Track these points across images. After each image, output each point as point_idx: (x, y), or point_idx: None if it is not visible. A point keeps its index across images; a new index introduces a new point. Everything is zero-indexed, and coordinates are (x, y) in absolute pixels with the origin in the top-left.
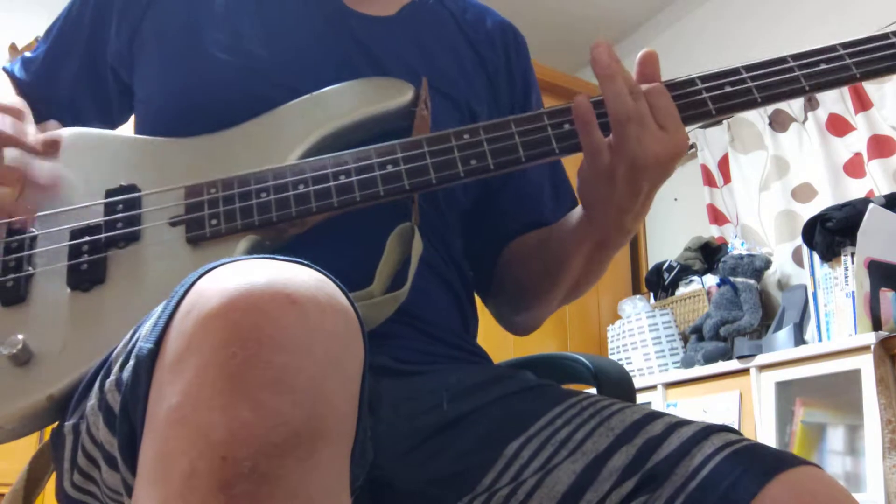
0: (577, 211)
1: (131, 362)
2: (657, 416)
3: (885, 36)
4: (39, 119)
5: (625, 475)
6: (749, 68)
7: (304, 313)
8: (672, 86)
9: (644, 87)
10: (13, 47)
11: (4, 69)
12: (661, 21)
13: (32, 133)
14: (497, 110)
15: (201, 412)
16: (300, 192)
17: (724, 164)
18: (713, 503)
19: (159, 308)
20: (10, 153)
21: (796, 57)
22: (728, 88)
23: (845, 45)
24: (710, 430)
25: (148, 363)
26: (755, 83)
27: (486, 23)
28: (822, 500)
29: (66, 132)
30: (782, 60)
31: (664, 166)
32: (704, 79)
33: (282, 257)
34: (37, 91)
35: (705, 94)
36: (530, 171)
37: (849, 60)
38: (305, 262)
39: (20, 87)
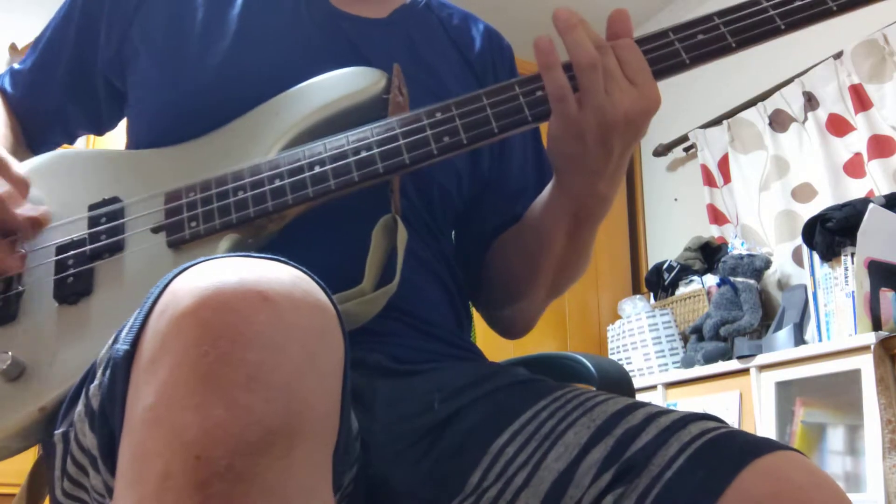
0: (550, 185)
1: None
2: (639, 406)
3: None
4: (29, 131)
5: (603, 467)
6: (722, 14)
7: (278, 310)
8: (643, 40)
9: (612, 43)
10: (13, 47)
11: None
12: (662, 21)
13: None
14: None
15: (175, 412)
16: (276, 186)
17: (724, 164)
18: (689, 492)
19: (137, 311)
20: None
21: None
22: (700, 37)
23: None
24: (688, 419)
25: (124, 364)
26: (728, 28)
27: (471, 29)
28: (798, 484)
29: (47, 156)
30: (756, 2)
31: (635, 124)
32: (676, 30)
33: (258, 255)
34: (25, 103)
35: (678, 45)
36: (514, 168)
37: None
38: (282, 259)
39: (10, 101)
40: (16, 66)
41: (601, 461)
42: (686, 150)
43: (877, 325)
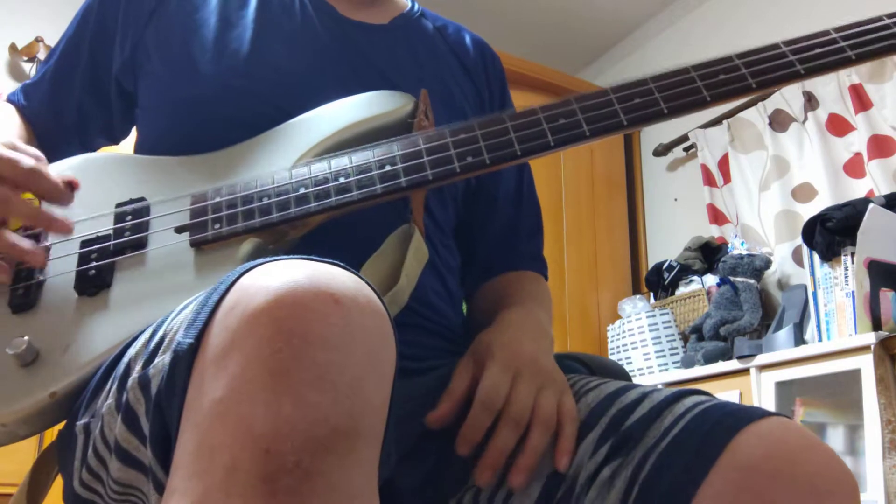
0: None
1: (166, 357)
2: (631, 387)
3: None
4: (45, 142)
5: (599, 444)
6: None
7: (347, 312)
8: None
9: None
10: (13, 47)
11: (9, 99)
12: (662, 20)
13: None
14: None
15: (245, 406)
16: (300, 194)
17: (724, 163)
18: (685, 459)
19: (194, 304)
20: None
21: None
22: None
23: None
24: (680, 394)
25: (188, 358)
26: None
27: (465, 39)
28: (791, 446)
29: (78, 158)
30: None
31: None
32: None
33: (319, 258)
34: (43, 115)
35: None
36: (505, 216)
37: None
38: (342, 264)
39: (25, 114)
40: (27, 81)
41: (597, 439)
42: (686, 149)
43: (877, 325)
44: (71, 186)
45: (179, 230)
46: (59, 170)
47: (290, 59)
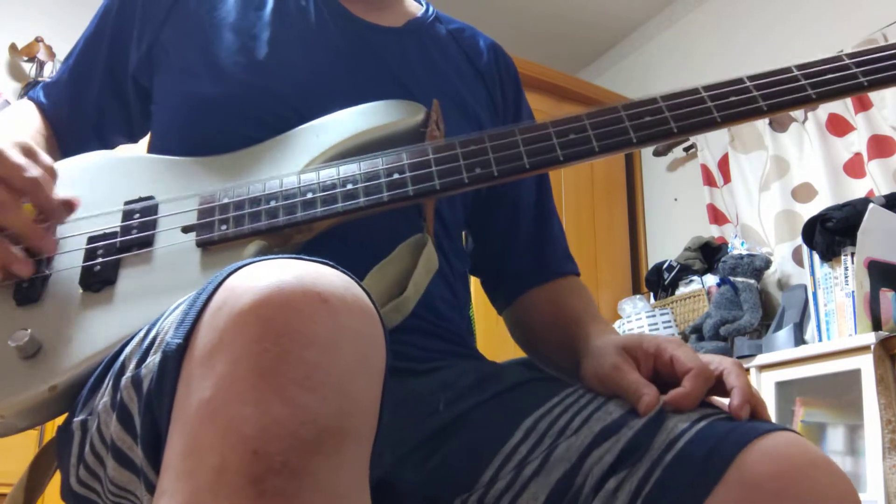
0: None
1: (156, 357)
2: None
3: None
4: (65, 141)
5: (610, 454)
6: (707, 88)
7: (335, 312)
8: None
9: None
10: (13, 47)
11: (29, 97)
12: (661, 21)
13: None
14: (498, 122)
15: (233, 406)
16: (307, 199)
17: (724, 163)
18: (691, 474)
19: (184, 304)
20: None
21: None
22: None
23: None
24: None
25: (176, 358)
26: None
27: (478, 42)
28: (798, 462)
29: (92, 154)
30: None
31: None
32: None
33: (308, 257)
34: (63, 114)
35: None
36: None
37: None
38: (331, 263)
39: (45, 112)
40: (47, 79)
41: (609, 450)
42: (686, 149)
43: (877, 325)
44: (69, 207)
45: (186, 230)
46: (72, 167)
47: (304, 59)
